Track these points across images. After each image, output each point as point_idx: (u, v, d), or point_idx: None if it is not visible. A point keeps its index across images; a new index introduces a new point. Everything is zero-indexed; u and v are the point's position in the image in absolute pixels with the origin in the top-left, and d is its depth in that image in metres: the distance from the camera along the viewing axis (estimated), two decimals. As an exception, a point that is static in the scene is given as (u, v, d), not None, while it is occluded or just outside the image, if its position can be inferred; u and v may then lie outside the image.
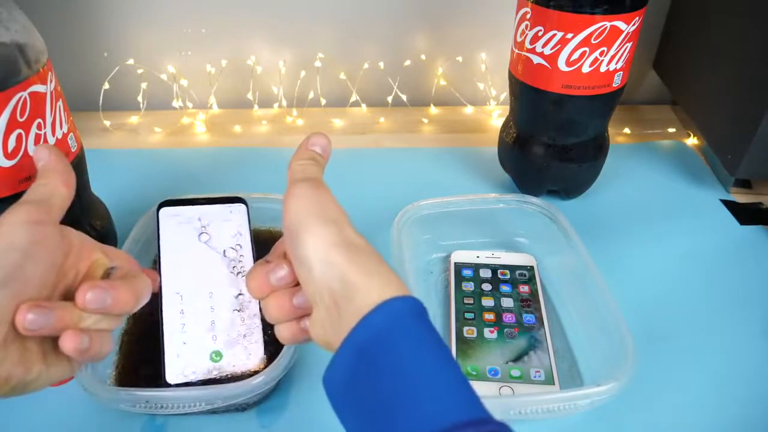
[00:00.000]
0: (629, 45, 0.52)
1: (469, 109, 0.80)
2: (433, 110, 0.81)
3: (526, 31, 0.53)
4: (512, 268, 0.52)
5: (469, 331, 0.46)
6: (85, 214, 0.48)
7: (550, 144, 0.58)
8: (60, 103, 0.43)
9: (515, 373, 0.43)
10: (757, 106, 0.56)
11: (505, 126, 0.63)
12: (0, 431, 0.42)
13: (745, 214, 0.61)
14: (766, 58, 0.55)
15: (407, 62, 0.78)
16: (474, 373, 0.43)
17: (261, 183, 0.63)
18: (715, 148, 0.65)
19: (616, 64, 0.52)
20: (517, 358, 0.44)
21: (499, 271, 0.52)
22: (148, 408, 0.38)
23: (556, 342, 0.46)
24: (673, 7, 0.74)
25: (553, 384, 0.42)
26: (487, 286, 0.50)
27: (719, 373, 0.45)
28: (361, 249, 0.30)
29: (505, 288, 0.50)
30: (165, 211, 0.44)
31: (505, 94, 0.80)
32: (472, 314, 0.48)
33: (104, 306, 0.31)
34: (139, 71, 0.76)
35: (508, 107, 0.62)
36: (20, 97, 0.38)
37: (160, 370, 0.40)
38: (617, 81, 0.53)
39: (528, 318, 0.47)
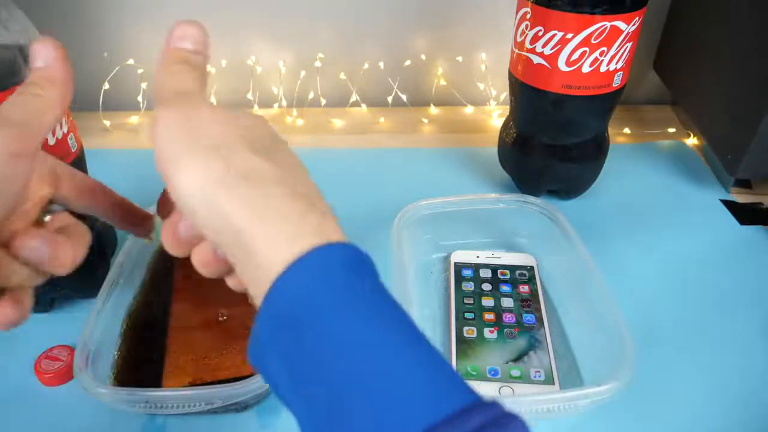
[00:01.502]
0: (629, 45, 0.52)
1: (469, 109, 0.80)
2: (433, 110, 0.81)
3: (526, 31, 0.53)
4: (512, 268, 0.52)
5: (469, 331, 0.46)
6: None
7: (550, 144, 0.58)
8: None
9: (515, 373, 0.43)
10: (757, 106, 0.56)
11: (505, 126, 0.63)
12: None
13: (745, 214, 0.61)
14: (766, 59, 0.55)
15: (407, 62, 0.78)
16: (474, 373, 0.43)
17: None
18: (715, 148, 0.65)
19: (616, 64, 0.52)
20: (517, 358, 0.44)
21: (499, 271, 0.52)
22: (148, 408, 0.38)
23: (556, 342, 0.46)
24: (673, 7, 0.74)
25: (553, 384, 0.42)
26: (487, 286, 0.50)
27: (719, 373, 0.45)
28: (260, 180, 0.22)
29: (505, 288, 0.50)
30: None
31: (505, 94, 0.80)
32: (472, 314, 0.48)
33: (42, 260, 0.27)
34: (139, 71, 0.76)
35: (508, 107, 0.62)
36: None
37: (159, 371, 0.41)
38: (617, 81, 0.53)
39: (528, 318, 0.47)
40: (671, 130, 0.75)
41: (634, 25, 0.50)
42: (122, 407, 0.38)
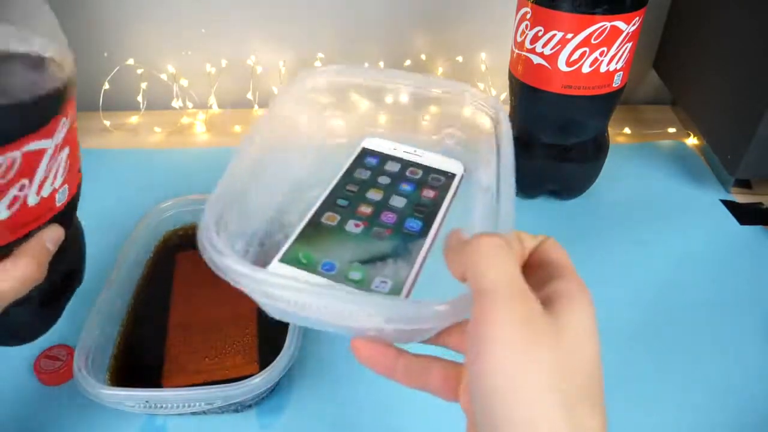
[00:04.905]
0: (629, 45, 0.52)
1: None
2: (434, 110, 0.80)
3: (526, 31, 0.53)
4: (428, 170, 0.40)
5: (330, 218, 0.35)
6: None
7: (550, 144, 0.58)
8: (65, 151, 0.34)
9: (355, 275, 0.32)
10: (757, 106, 0.56)
11: (505, 126, 0.63)
12: None
13: (745, 214, 0.61)
14: (766, 58, 0.55)
15: (407, 62, 0.78)
16: (304, 261, 0.32)
17: (261, 183, 0.63)
18: (715, 148, 0.65)
19: (616, 64, 0.52)
20: (369, 261, 0.33)
21: (410, 169, 0.40)
22: (148, 408, 0.38)
23: (434, 262, 0.33)
24: (673, 7, 0.74)
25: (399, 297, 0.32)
26: (384, 180, 0.39)
27: (719, 373, 0.45)
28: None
29: (405, 187, 0.39)
30: (182, 255, 0.51)
31: (505, 94, 0.80)
32: (346, 202, 0.37)
33: None
34: (139, 71, 0.76)
35: (508, 107, 0.62)
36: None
37: (159, 371, 0.41)
38: (617, 81, 0.53)
39: (412, 224, 0.36)
40: (671, 130, 0.75)
41: (634, 25, 0.50)
42: (122, 407, 0.38)
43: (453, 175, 0.40)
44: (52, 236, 0.33)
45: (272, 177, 0.38)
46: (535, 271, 0.26)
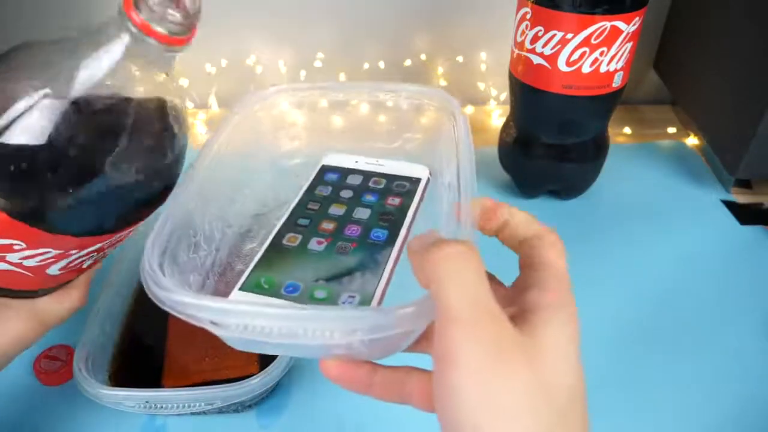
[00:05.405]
0: (629, 45, 0.52)
1: (469, 109, 0.80)
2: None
3: (526, 31, 0.53)
4: (392, 178, 0.39)
5: (292, 239, 0.34)
6: None
7: (550, 144, 0.58)
8: None
9: (319, 294, 0.31)
10: (757, 106, 0.56)
11: (505, 126, 0.63)
12: None
13: (746, 214, 0.61)
14: (766, 58, 0.55)
15: (407, 62, 0.78)
16: (266, 286, 0.31)
17: (261, 183, 0.63)
18: (715, 148, 0.65)
19: (616, 64, 0.52)
20: (333, 278, 0.32)
21: (372, 179, 0.39)
22: (148, 408, 0.38)
23: (403, 272, 0.31)
24: (673, 7, 0.74)
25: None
26: (346, 193, 0.38)
27: (719, 373, 0.45)
28: None
29: (369, 197, 0.38)
30: None
31: (505, 94, 0.80)
32: (308, 221, 0.36)
33: None
34: (139, 71, 0.76)
35: (508, 107, 0.62)
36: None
37: (159, 371, 0.42)
38: (617, 81, 0.53)
39: (377, 234, 0.35)
40: (671, 130, 0.75)
41: (634, 25, 0.50)
42: (122, 407, 0.38)
43: (418, 180, 0.39)
44: (93, 269, 0.39)
45: (226, 205, 0.38)
46: (523, 271, 0.25)
